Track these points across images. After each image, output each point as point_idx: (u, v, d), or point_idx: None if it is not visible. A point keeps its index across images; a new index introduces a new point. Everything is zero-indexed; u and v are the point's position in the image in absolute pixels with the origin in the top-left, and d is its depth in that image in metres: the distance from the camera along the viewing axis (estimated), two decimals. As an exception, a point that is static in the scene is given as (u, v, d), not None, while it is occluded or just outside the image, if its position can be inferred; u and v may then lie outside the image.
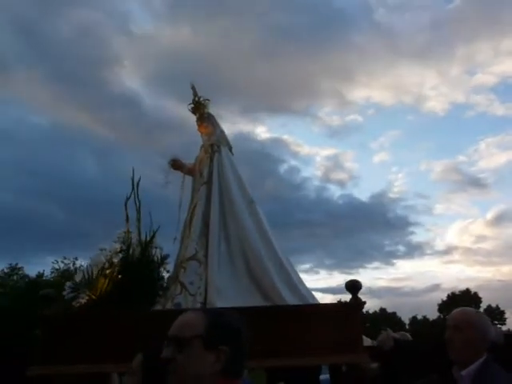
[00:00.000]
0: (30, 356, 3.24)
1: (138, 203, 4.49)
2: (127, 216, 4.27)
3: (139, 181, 4.61)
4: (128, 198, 4.29)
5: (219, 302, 3.86)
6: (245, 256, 4.32)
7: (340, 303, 3.30)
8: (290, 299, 3.98)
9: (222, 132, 5.40)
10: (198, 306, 3.84)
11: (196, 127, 5.56)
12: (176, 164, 5.27)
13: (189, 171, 5.21)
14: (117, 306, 3.76)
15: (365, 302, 3.19)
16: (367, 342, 3.98)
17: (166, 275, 4.66)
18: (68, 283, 3.88)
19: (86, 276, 3.86)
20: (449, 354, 2.31)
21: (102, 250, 4.08)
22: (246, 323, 1.39)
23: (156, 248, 4.63)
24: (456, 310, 2.46)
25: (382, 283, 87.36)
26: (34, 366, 3.16)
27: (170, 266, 4.69)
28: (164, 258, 4.59)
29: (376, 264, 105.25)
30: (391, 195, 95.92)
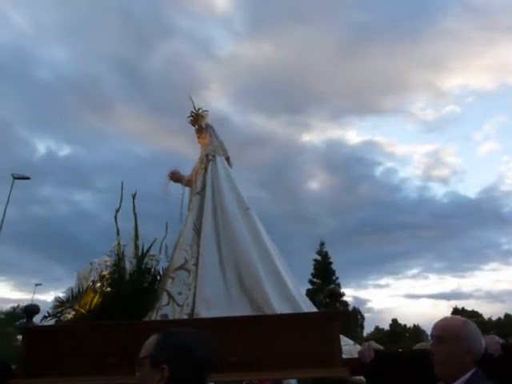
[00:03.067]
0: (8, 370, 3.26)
1: (134, 215, 4.51)
2: (117, 229, 4.29)
3: (135, 194, 4.66)
4: (117, 211, 4.32)
5: (207, 313, 3.76)
6: (237, 266, 4.19)
7: (315, 312, 3.13)
8: (284, 311, 3.83)
9: (221, 142, 5.36)
10: (185, 317, 3.76)
11: (196, 139, 5.58)
12: (175, 176, 5.29)
13: (187, 183, 5.22)
14: (107, 319, 3.77)
15: (344, 312, 3.00)
16: None
17: None
18: (56, 297, 3.93)
19: (75, 290, 3.89)
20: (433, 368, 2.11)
21: (91, 263, 4.11)
22: (205, 342, 1.45)
23: (157, 260, 4.64)
24: (440, 320, 2.25)
25: (503, 286, 78.89)
26: (16, 380, 3.19)
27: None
28: (166, 271, 4.58)
29: (493, 265, 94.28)
30: (504, 188, 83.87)
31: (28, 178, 18.51)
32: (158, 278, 4.55)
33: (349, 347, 3.45)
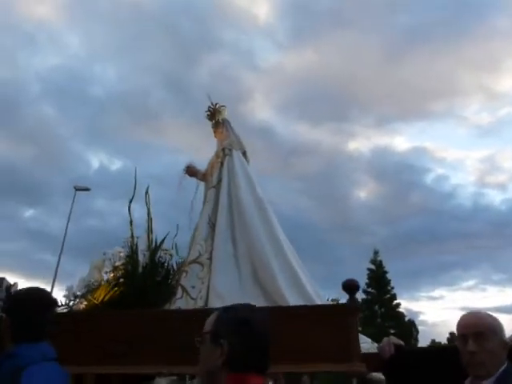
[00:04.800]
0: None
1: (147, 207, 4.48)
2: (131, 220, 4.25)
3: (148, 188, 4.63)
4: (131, 201, 4.28)
5: (221, 306, 3.68)
6: (251, 260, 4.11)
7: (334, 305, 3.01)
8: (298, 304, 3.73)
9: (238, 137, 5.30)
10: (198, 310, 3.68)
11: (213, 134, 5.53)
12: (190, 170, 5.24)
13: (202, 177, 5.16)
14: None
15: (360, 307, 2.88)
16: None
17: None
18: (68, 287, 3.89)
19: (86, 280, 3.86)
20: (469, 368, 1.97)
21: (104, 253, 4.08)
22: (262, 317, 1.43)
23: (170, 255, 4.59)
24: (469, 315, 2.11)
25: None
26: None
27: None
28: (180, 265, 4.51)
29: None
30: None
31: (88, 190, 18.98)
32: (172, 272, 4.51)
33: (367, 345, 3.33)
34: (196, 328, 2.86)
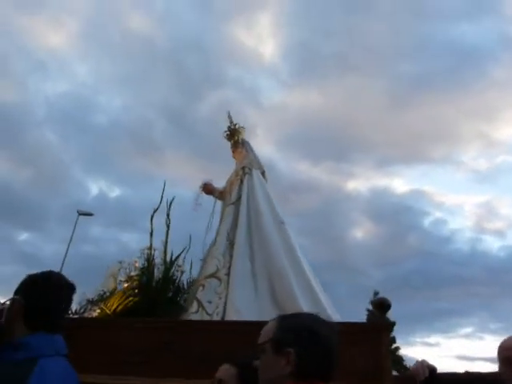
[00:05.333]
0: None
1: (168, 221, 4.40)
2: (152, 230, 4.17)
3: (173, 199, 4.57)
4: (155, 211, 4.22)
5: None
6: (269, 278, 4.01)
7: (364, 323, 2.87)
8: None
9: (256, 157, 5.32)
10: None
11: (231, 154, 5.54)
12: (207, 188, 5.20)
13: (220, 195, 5.12)
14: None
15: (394, 323, 2.78)
16: None
17: None
18: (82, 293, 3.76)
19: (100, 289, 3.73)
20: None
21: (120, 262, 3.97)
22: (327, 324, 1.35)
23: (182, 272, 4.48)
24: (508, 340, 2.02)
25: None
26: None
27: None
28: (192, 284, 4.39)
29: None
30: None
31: (91, 215, 18.53)
32: (182, 289, 4.38)
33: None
34: (216, 340, 2.75)
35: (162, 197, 4.38)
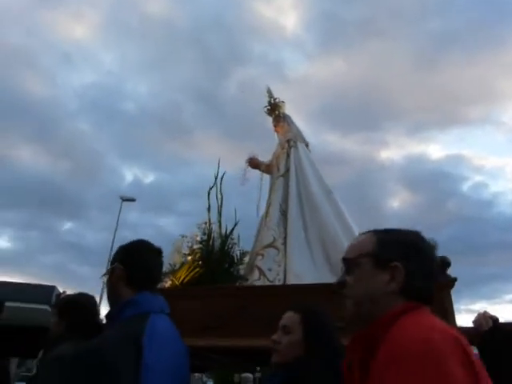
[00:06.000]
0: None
1: (220, 196, 4.61)
2: (209, 206, 4.40)
3: (224, 174, 4.76)
4: (211, 188, 4.43)
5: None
6: (323, 244, 4.23)
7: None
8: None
9: (299, 130, 5.45)
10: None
11: (273, 128, 5.68)
12: (253, 162, 5.38)
13: (266, 168, 5.29)
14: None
15: (455, 279, 2.95)
16: None
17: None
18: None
19: (167, 262, 4.00)
20: None
21: (183, 236, 4.23)
22: (429, 243, 1.23)
23: (235, 244, 4.71)
24: None
25: None
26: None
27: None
28: (244, 255, 4.64)
29: None
30: None
31: (134, 200, 18.91)
32: (236, 260, 4.62)
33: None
34: (284, 302, 2.98)
35: (217, 173, 4.58)
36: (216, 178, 4.54)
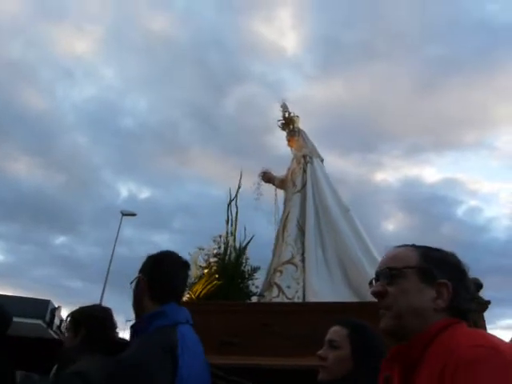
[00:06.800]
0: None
1: (236, 209, 4.49)
2: (228, 218, 4.27)
3: (239, 187, 4.64)
4: (231, 201, 4.32)
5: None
6: (342, 263, 4.15)
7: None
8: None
9: (314, 146, 5.38)
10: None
11: (286, 143, 5.61)
12: (267, 176, 5.29)
13: (280, 183, 5.20)
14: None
15: (489, 302, 2.85)
16: None
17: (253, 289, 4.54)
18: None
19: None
20: None
21: (200, 249, 4.09)
22: (465, 264, 1.22)
23: (248, 259, 4.57)
24: None
25: None
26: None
27: (259, 282, 4.56)
28: (255, 270, 4.49)
29: None
30: None
31: (135, 215, 18.67)
32: (247, 275, 4.47)
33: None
34: (315, 321, 2.85)
35: (238, 186, 4.49)
36: (237, 191, 4.44)
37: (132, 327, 1.72)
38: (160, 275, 1.76)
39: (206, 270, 3.96)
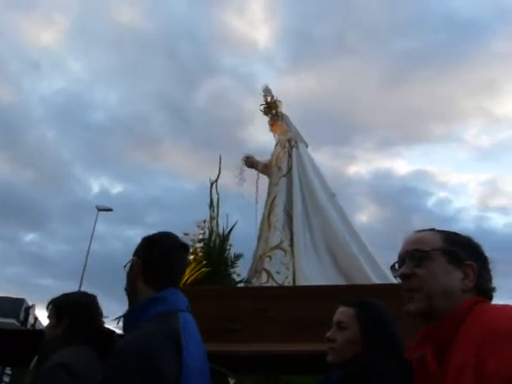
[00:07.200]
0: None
1: (217, 195, 4.36)
2: (211, 201, 4.14)
3: (218, 176, 4.51)
4: (212, 184, 4.19)
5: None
6: (330, 247, 4.12)
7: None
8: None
9: (297, 131, 5.29)
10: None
11: (269, 128, 5.49)
12: (249, 161, 5.18)
13: (264, 168, 5.10)
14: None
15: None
16: None
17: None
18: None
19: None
20: None
21: (185, 234, 3.96)
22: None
23: (231, 246, 4.45)
24: None
25: None
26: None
27: (239, 270, 4.43)
28: (237, 258, 4.38)
29: None
30: None
31: (111, 210, 18.11)
32: (229, 262, 4.35)
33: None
34: (308, 304, 2.77)
35: (219, 171, 4.36)
36: (218, 175, 4.31)
37: (126, 315, 1.57)
38: (154, 257, 1.62)
39: (192, 256, 3.83)
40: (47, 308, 2.25)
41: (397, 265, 1.27)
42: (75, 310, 2.08)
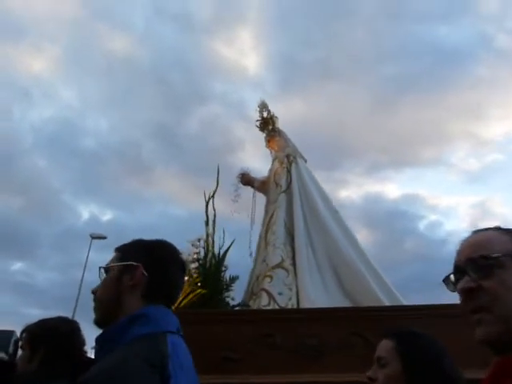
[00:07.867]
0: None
1: (214, 211, 4.11)
2: (207, 218, 3.88)
3: (215, 192, 4.28)
4: (209, 199, 3.95)
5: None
6: (334, 267, 3.87)
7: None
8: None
9: (295, 146, 5.09)
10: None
11: (265, 144, 5.30)
12: (245, 178, 4.94)
13: (261, 185, 4.86)
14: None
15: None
16: None
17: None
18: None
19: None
20: None
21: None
22: None
23: (225, 267, 4.18)
24: None
25: None
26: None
27: (234, 293, 4.14)
28: (233, 280, 4.10)
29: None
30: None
31: (105, 238, 17.58)
32: (224, 285, 4.07)
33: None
34: (319, 328, 2.48)
35: (217, 183, 4.13)
36: (217, 183, 4.09)
37: (99, 338, 1.25)
38: (161, 268, 1.36)
39: (186, 278, 3.54)
40: (20, 336, 1.95)
41: (452, 277, 0.97)
42: (53, 338, 1.80)
